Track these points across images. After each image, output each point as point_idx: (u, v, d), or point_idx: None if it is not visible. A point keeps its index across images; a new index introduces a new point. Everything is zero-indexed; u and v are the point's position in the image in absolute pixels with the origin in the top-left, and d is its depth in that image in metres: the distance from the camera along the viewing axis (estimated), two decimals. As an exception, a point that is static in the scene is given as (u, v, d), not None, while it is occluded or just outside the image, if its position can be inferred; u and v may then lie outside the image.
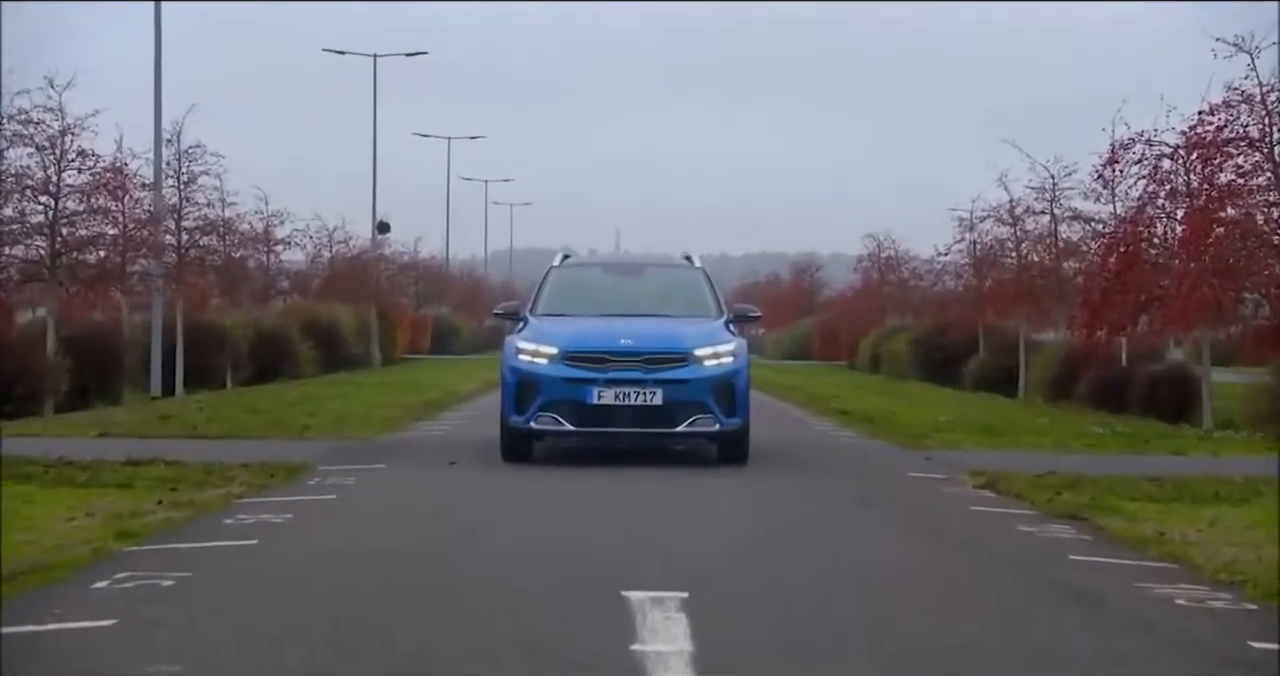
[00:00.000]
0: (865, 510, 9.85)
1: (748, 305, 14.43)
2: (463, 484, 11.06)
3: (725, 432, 12.52)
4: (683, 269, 14.51)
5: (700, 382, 12.39)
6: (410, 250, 49.51)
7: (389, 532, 8.45)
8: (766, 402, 23.57)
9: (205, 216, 25.51)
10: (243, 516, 8.92)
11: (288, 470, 11.48)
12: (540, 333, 12.83)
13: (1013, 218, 26.97)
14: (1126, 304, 18.03)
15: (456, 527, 8.69)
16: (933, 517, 9.49)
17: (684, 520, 9.19)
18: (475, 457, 12.95)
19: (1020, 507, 10.03)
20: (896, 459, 13.64)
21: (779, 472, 12.11)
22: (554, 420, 12.39)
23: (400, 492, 10.50)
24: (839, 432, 17.18)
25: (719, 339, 12.81)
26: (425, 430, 16.58)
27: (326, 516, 9.11)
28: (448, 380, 29.46)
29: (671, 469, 12.29)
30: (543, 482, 11.17)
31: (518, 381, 12.52)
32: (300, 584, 6.74)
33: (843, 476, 11.90)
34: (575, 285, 14.24)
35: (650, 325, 13.07)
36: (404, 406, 20.21)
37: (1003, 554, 8.02)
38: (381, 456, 12.96)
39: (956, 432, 16.73)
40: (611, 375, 12.32)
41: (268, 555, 7.57)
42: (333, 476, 11.25)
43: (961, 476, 11.88)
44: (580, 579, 6.87)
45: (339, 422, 16.85)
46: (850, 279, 47.24)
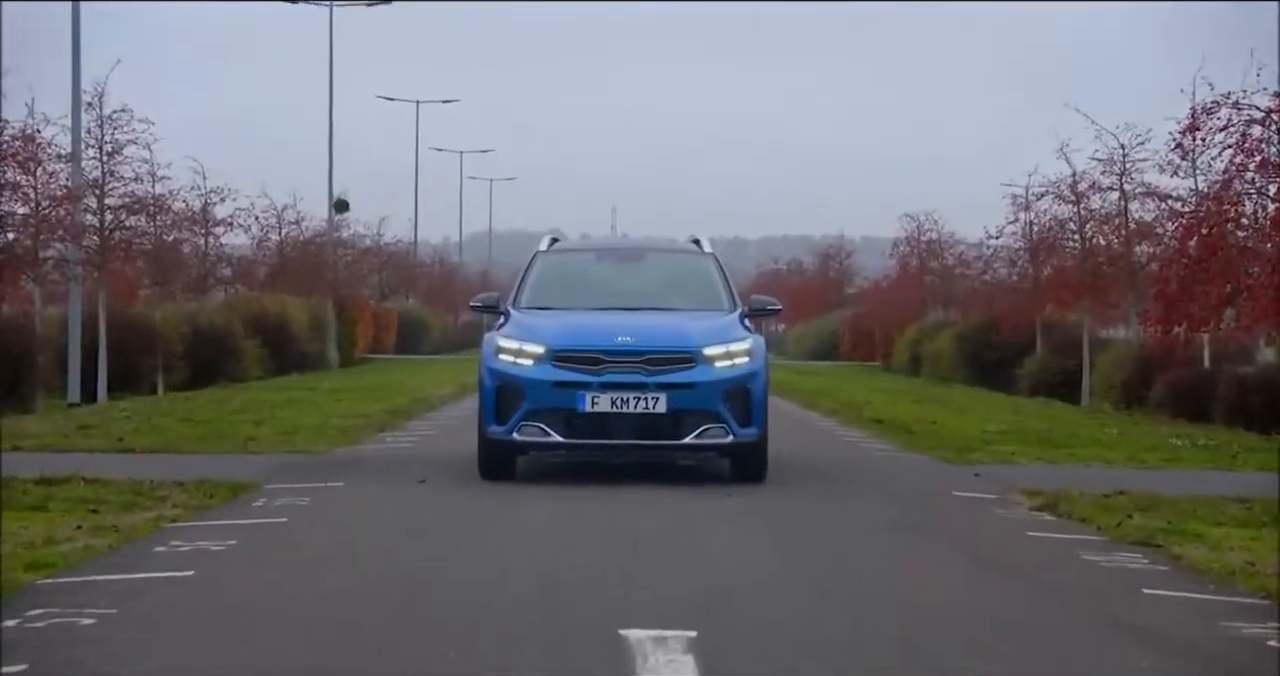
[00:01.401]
0: (902, 536, 9.83)
1: (766, 297, 14.43)
2: (434, 505, 11.05)
3: (740, 445, 12.51)
4: (690, 254, 14.50)
5: (710, 387, 12.38)
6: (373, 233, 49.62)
7: (348, 563, 8.43)
8: (787, 410, 23.54)
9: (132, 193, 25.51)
10: (176, 543, 8.90)
11: (230, 489, 11.48)
12: (524, 328, 12.82)
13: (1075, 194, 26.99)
14: (1209, 295, 18.01)
15: (427, 556, 8.67)
16: (981, 545, 9.47)
17: (691, 547, 9.18)
18: (448, 475, 12.93)
19: (1085, 533, 10.02)
20: (939, 476, 13.63)
21: (802, 492, 12.09)
22: (540, 431, 12.38)
23: (361, 516, 10.48)
24: (872, 445, 17.18)
25: (732, 336, 12.80)
26: (390, 442, 16.58)
27: (275, 543, 9.10)
28: (416, 384, 29.46)
29: (677, 488, 12.28)
30: (527, 504, 11.15)
31: (498, 385, 12.51)
32: (243, 624, 6.72)
33: (876, 496, 11.89)
34: (565, 273, 14.21)
35: (652, 320, 13.06)
36: (365, 415, 20.21)
37: (1064, 588, 8.00)
38: (339, 473, 12.95)
39: (1009, 445, 16.72)
40: (607, 378, 12.31)
41: (205, 589, 7.55)
42: (282, 496, 11.24)
43: (1015, 496, 11.87)
44: (571, 615, 6.86)
45: (290, 434, 16.85)
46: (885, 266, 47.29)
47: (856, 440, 17.98)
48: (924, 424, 19.63)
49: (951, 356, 35.29)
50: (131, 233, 25.78)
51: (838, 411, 23.23)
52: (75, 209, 23.13)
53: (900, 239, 43.84)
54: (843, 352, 53.25)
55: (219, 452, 14.65)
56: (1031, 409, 24.31)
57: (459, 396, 25.93)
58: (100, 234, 24.70)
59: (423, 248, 72.01)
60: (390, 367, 40.85)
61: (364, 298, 47.23)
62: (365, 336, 47.94)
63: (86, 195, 24.32)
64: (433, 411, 22.32)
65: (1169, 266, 19.41)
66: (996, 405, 25.26)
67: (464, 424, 18.00)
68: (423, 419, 20.64)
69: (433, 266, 69.30)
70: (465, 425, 17.15)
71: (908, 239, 43.41)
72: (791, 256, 72.25)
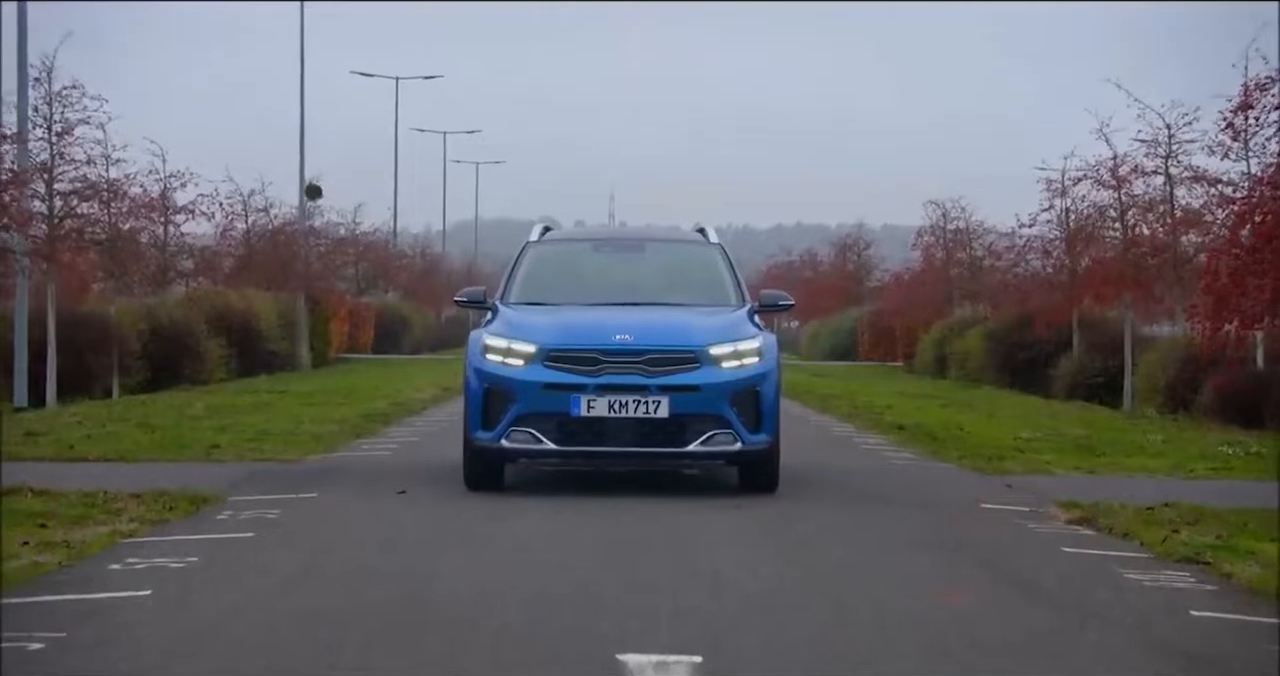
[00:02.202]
0: (925, 552, 9.83)
1: (777, 291, 14.42)
2: (415, 519, 11.05)
3: (749, 453, 12.52)
4: (694, 245, 14.50)
5: (717, 389, 12.39)
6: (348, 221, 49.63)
7: (321, 582, 8.43)
8: (801, 415, 23.53)
9: (84, 177, 25.49)
10: (133, 561, 8.90)
11: (191, 501, 11.47)
12: (514, 326, 12.83)
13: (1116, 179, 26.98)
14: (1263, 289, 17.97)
15: (407, 575, 8.67)
16: (1013, 562, 9.47)
17: (696, 565, 9.17)
18: (431, 485, 12.94)
19: (1127, 549, 10.02)
20: (967, 486, 13.64)
21: (817, 504, 12.10)
22: (531, 437, 12.38)
23: (335, 530, 10.48)
24: (893, 453, 17.18)
25: (741, 333, 12.80)
26: (368, 450, 16.58)
27: (240, 561, 9.09)
28: (396, 386, 29.47)
29: (680, 499, 12.28)
30: (516, 517, 11.15)
31: (485, 388, 12.52)
32: (205, 648, 6.72)
33: (898, 509, 11.89)
34: (558, 265, 14.21)
35: (653, 316, 13.07)
36: (340, 420, 20.21)
37: (1103, 609, 8.00)
38: (312, 483, 12.96)
39: (1044, 453, 16.72)
40: (604, 380, 12.31)
41: (164, 611, 7.54)
42: (250, 509, 11.24)
43: (1050, 509, 11.88)
44: (566, 639, 6.85)
45: (257, 441, 16.85)
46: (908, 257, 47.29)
47: (876, 448, 17.98)
48: (950, 430, 19.63)
49: (980, 356, 35.30)
50: (83, 221, 25.75)
51: (856, 416, 23.23)
52: (21, 194, 23.10)
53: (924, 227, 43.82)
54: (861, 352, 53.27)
55: (179, 461, 14.64)
56: (1068, 413, 24.30)
57: (442, 400, 25.91)
58: (49, 222, 24.68)
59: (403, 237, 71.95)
60: (367, 368, 40.87)
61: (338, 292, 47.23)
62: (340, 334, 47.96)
63: (34, 179, 24.31)
64: (414, 416, 22.32)
65: (1219, 257, 19.38)
66: (1030, 409, 25.26)
67: (447, 430, 17.99)
68: (403, 424, 20.64)
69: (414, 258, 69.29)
70: (449, 431, 17.15)
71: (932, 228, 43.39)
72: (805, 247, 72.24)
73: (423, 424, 20.73)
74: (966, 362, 36.60)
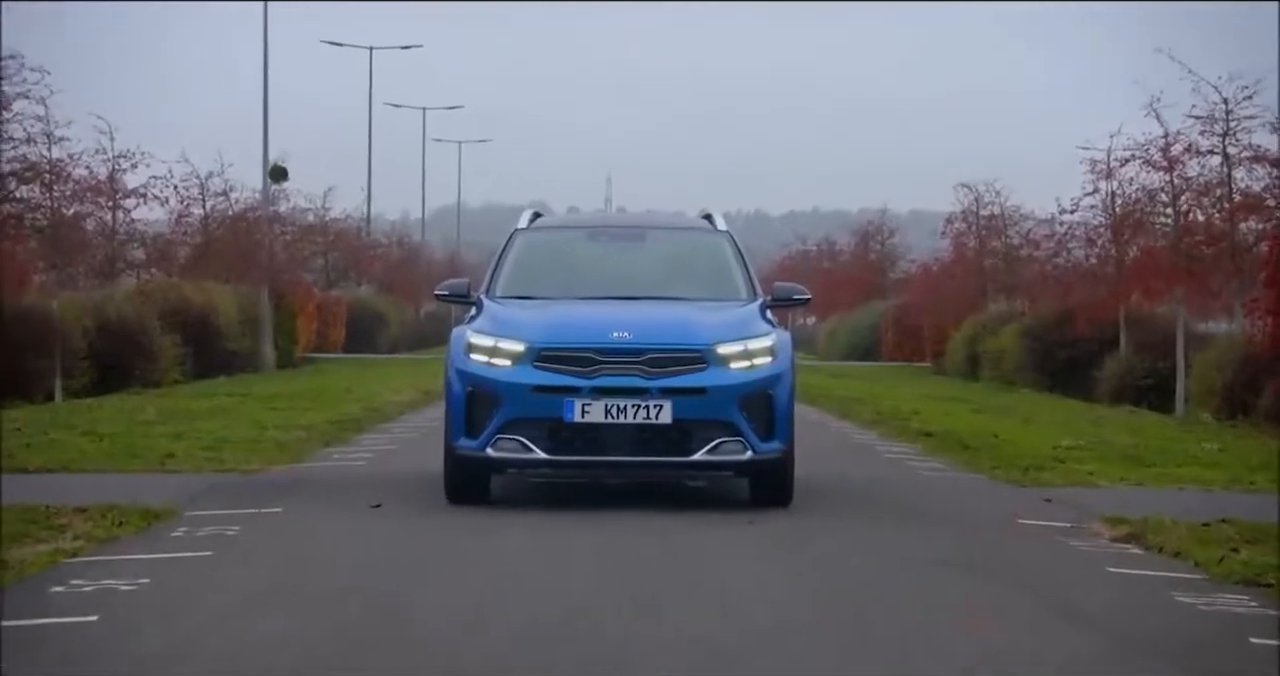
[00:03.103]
0: (956, 574, 9.82)
1: (792, 284, 14.42)
2: (390, 536, 11.04)
3: (760, 463, 12.51)
4: (700, 233, 14.50)
5: (725, 392, 12.38)
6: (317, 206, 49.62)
7: (286, 606, 8.42)
8: (818, 421, 23.51)
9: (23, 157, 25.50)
10: (78, 582, 8.88)
11: (143, 516, 11.46)
12: (501, 322, 12.82)
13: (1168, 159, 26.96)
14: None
15: (382, 598, 8.66)
16: (1052, 584, 9.46)
17: (703, 588, 9.17)
18: (409, 498, 12.92)
19: (1179, 569, 10.01)
20: (1002, 500, 13.63)
21: (835, 520, 12.09)
22: (519, 445, 12.37)
23: (303, 548, 10.47)
24: (921, 463, 17.18)
25: (751, 330, 12.80)
26: (339, 459, 16.57)
27: (197, 582, 9.08)
28: (370, 389, 29.46)
29: (684, 514, 12.27)
30: (503, 535, 11.14)
31: (469, 391, 12.51)
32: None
33: (924, 525, 11.88)
34: (549, 255, 14.20)
35: (654, 312, 13.07)
36: (308, 426, 20.20)
37: (1153, 637, 7.99)
38: (277, 496, 12.95)
39: (1087, 462, 16.71)
40: (600, 382, 12.30)
41: (112, 638, 7.53)
42: (208, 525, 11.23)
43: (1095, 524, 11.87)
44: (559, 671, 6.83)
45: (216, 449, 16.84)
46: (936, 247, 47.31)
47: (901, 457, 17.98)
48: (983, 437, 19.62)
49: (1017, 356, 35.27)
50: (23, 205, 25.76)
51: (879, 422, 23.22)
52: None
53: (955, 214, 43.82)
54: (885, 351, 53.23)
55: (130, 472, 14.62)
56: (1114, 419, 24.29)
57: (421, 404, 25.89)
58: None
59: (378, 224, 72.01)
60: (338, 369, 40.83)
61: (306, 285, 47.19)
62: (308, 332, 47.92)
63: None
64: (389, 422, 22.31)
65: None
66: (1071, 415, 25.24)
67: (427, 437, 17.97)
68: (377, 431, 20.63)
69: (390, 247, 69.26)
70: (429, 439, 17.13)
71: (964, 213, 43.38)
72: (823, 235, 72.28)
73: (400, 431, 20.72)
74: (1001, 363, 36.57)
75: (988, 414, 24.82)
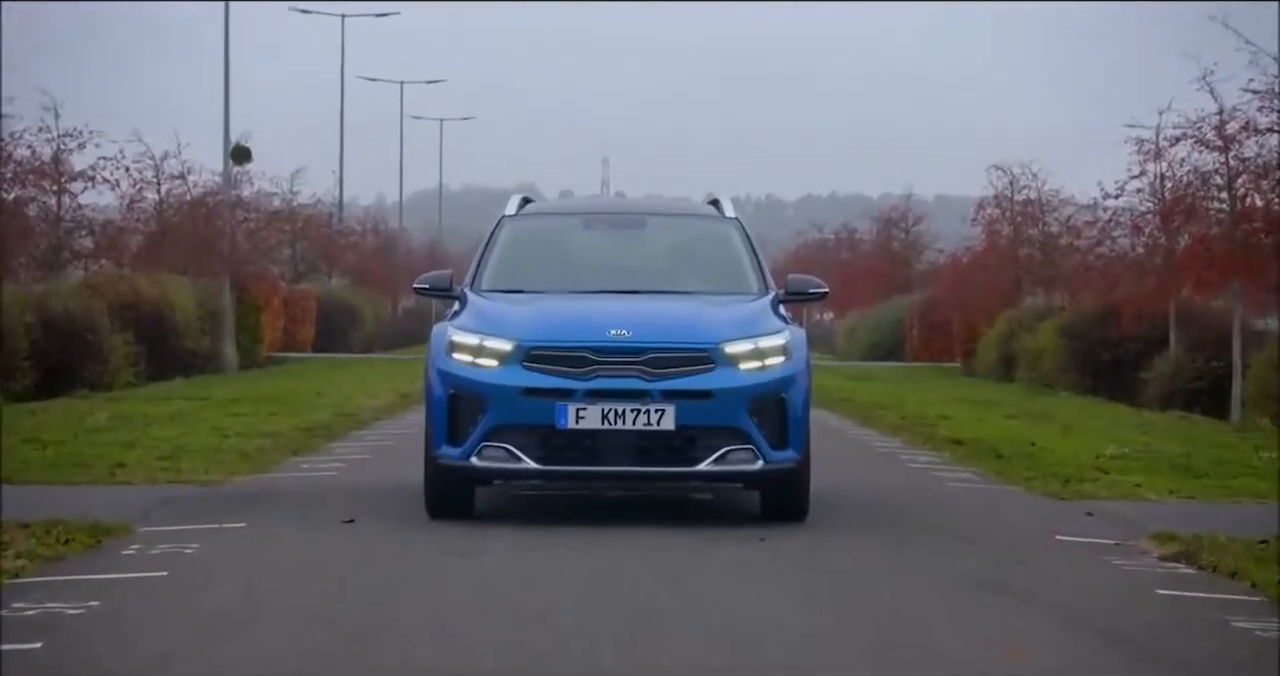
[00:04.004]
0: (988, 596, 9.82)
1: (807, 276, 14.40)
2: (365, 554, 11.03)
3: (773, 473, 12.50)
4: (706, 220, 14.50)
5: (734, 396, 12.38)
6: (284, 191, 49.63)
7: (249, 633, 8.41)
8: (837, 427, 23.50)
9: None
10: (20, 605, 8.87)
11: (92, 533, 11.44)
12: (486, 318, 12.82)
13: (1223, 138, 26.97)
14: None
15: (355, 624, 8.65)
16: (1094, 607, 9.45)
17: (709, 613, 9.16)
18: (384, 513, 12.92)
19: (1235, 591, 10.00)
20: (1039, 514, 13.63)
21: (855, 537, 12.09)
22: (507, 454, 12.36)
23: (268, 568, 10.46)
24: (949, 474, 17.17)
25: (763, 327, 12.80)
26: (308, 470, 16.57)
27: (151, 606, 9.08)
28: (342, 392, 29.45)
29: (689, 531, 12.27)
30: (489, 554, 11.13)
31: (451, 394, 12.51)
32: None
33: (954, 543, 11.88)
34: (540, 245, 14.21)
35: (656, 307, 13.08)
36: (274, 433, 20.19)
37: (1206, 666, 7.99)
38: (240, 510, 12.94)
39: (1133, 473, 16.71)
40: (596, 384, 12.30)
41: (57, 668, 7.52)
42: (163, 542, 11.22)
43: (1142, 541, 11.86)
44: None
45: (172, 459, 16.83)
46: (967, 235, 47.30)
47: (928, 467, 17.97)
48: (1018, 445, 19.62)
49: (1055, 355, 35.28)
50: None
51: (903, 428, 23.22)
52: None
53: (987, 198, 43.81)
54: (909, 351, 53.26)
55: (77, 484, 14.60)
56: (1163, 425, 24.28)
57: (399, 409, 25.88)
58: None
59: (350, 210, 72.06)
60: (308, 370, 40.81)
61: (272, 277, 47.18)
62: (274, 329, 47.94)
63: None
64: (364, 429, 22.31)
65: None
66: (1116, 420, 25.23)
67: (405, 445, 17.96)
68: (350, 439, 20.63)
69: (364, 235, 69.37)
70: (407, 447, 17.12)
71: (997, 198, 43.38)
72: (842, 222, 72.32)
73: (375, 438, 20.71)
74: (1038, 363, 36.57)
75: (1023, 419, 24.80)
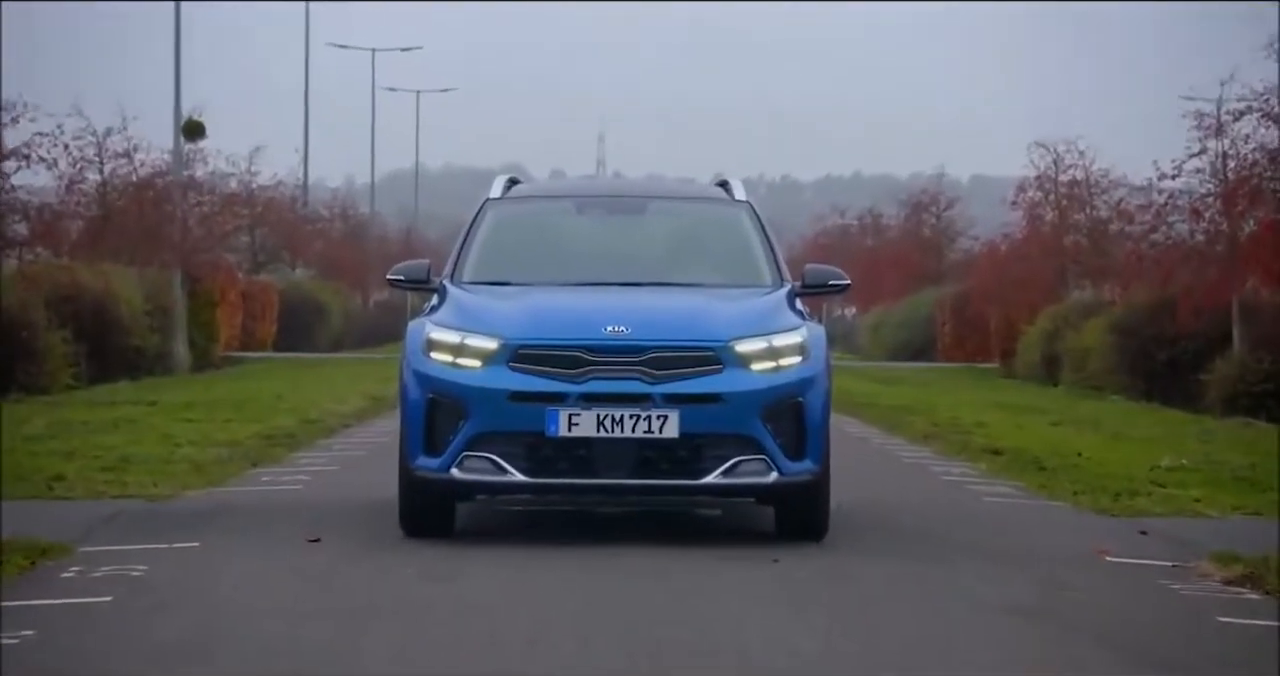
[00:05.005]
0: (1030, 624, 9.83)
1: (827, 267, 14.40)
2: (332, 578, 11.03)
3: (788, 487, 12.51)
4: (714, 204, 14.51)
5: (745, 400, 12.38)
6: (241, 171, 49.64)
7: (201, 664, 8.41)
8: (860, 435, 23.51)
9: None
10: (-53, 634, 8.88)
11: (27, 553, 11.44)
12: (469, 314, 12.82)
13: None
14: None
15: (319, 656, 8.65)
16: (1149, 637, 9.46)
17: (718, 644, 9.16)
18: (354, 531, 12.93)
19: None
20: (1086, 533, 13.62)
21: (881, 558, 12.09)
22: (492, 465, 12.36)
23: (223, 593, 10.46)
24: (986, 487, 17.18)
25: (777, 324, 12.81)
26: (269, 482, 16.58)
27: (93, 634, 9.06)
28: (307, 395, 29.46)
29: (695, 551, 12.26)
30: (472, 577, 11.14)
31: (430, 398, 12.50)
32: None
33: (991, 564, 11.88)
34: (528, 232, 14.23)
35: (658, 301, 13.10)
36: (231, 442, 20.21)
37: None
38: (192, 529, 12.95)
39: (1191, 487, 16.71)
40: (591, 387, 12.30)
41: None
42: (107, 563, 11.21)
43: (1201, 563, 11.86)
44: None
45: (117, 470, 16.83)
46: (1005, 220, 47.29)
47: (962, 480, 17.98)
48: (1064, 456, 19.62)
49: (1105, 355, 35.28)
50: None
51: (934, 436, 23.23)
52: None
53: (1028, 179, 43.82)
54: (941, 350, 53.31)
55: (11, 498, 14.58)
56: (1225, 433, 24.28)
57: (370, 414, 25.89)
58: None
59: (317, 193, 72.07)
60: (268, 371, 40.82)
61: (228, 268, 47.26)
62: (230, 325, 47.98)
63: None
64: (331, 437, 22.31)
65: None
66: (1172, 428, 25.23)
67: (378, 456, 17.98)
68: (316, 448, 20.64)
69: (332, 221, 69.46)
70: (380, 457, 17.13)
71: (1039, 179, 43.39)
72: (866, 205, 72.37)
73: (343, 447, 20.72)
74: (1085, 364, 36.58)
75: (1069, 426, 24.81)
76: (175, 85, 43.22)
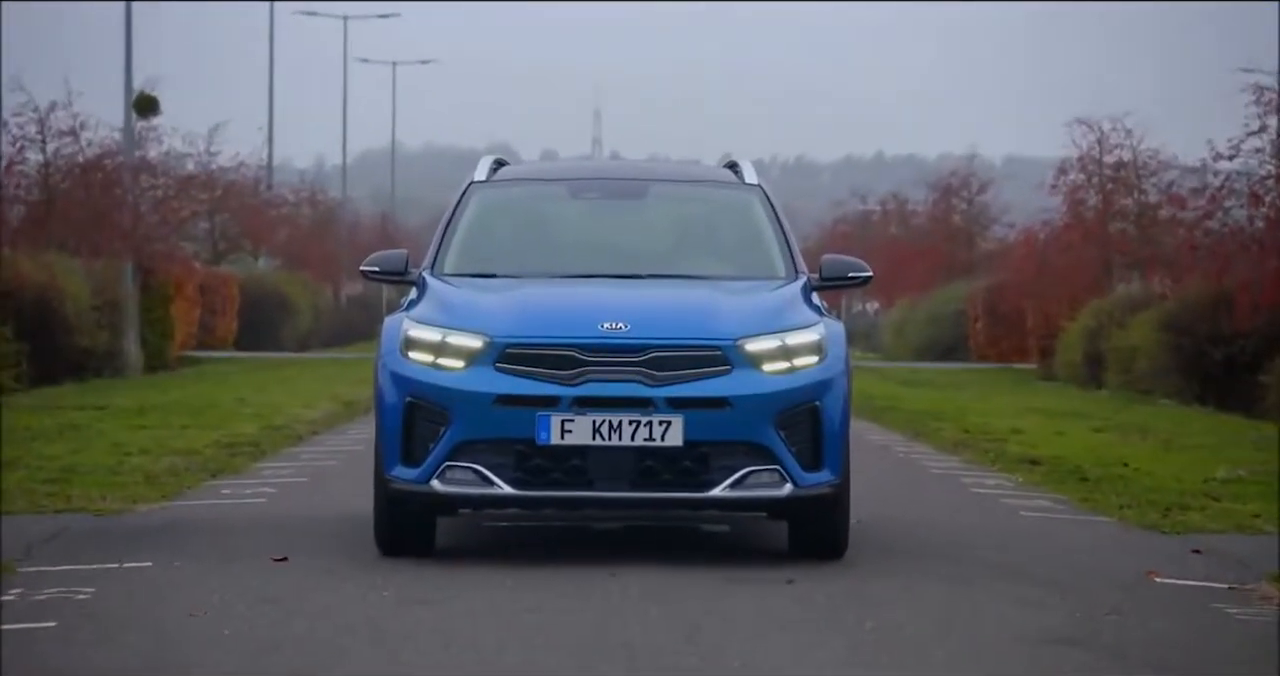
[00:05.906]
0: (1072, 653, 9.84)
1: (846, 257, 14.41)
2: (300, 601, 11.04)
3: (803, 500, 12.51)
4: (722, 188, 14.52)
5: (755, 404, 12.39)
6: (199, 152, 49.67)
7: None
8: (883, 443, 23.53)
9: None
10: (-125, 663, 8.90)
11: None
12: (451, 309, 12.84)
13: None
14: None
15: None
16: (1203, 667, 9.48)
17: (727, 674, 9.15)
18: (325, 549, 12.95)
19: (1375, 648, 10.02)
20: (1133, 552, 13.66)
21: (905, 580, 12.10)
22: (477, 477, 12.37)
23: (179, 618, 10.46)
24: (1022, 501, 17.19)
25: (792, 320, 12.82)
26: (229, 495, 16.59)
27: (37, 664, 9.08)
28: (272, 400, 29.47)
29: (701, 571, 12.28)
30: (454, 599, 11.15)
31: (408, 402, 12.51)
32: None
33: (1028, 586, 11.90)
34: (517, 218, 14.26)
35: (660, 295, 13.13)
36: (188, 450, 20.22)
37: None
38: (145, 546, 12.96)
39: (1249, 501, 16.72)
40: (586, 390, 12.31)
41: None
42: (50, 584, 11.23)
43: (1262, 586, 11.87)
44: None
45: (62, 482, 16.85)
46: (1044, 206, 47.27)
47: (996, 492, 17.99)
48: (1109, 466, 19.64)
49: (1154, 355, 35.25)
50: None
51: (965, 445, 23.24)
52: None
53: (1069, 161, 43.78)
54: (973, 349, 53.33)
55: (-55, 513, 14.64)
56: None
57: (342, 420, 25.91)
58: None
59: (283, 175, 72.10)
60: (229, 373, 40.84)
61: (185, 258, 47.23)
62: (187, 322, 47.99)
63: None
64: (298, 445, 22.33)
65: None
66: (1228, 435, 25.23)
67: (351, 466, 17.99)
68: (282, 457, 20.65)
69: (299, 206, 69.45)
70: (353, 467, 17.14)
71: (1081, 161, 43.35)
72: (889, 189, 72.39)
73: (312, 456, 20.73)
74: (1132, 365, 36.57)
75: (1114, 433, 24.83)
76: (126, 56, 43.22)
